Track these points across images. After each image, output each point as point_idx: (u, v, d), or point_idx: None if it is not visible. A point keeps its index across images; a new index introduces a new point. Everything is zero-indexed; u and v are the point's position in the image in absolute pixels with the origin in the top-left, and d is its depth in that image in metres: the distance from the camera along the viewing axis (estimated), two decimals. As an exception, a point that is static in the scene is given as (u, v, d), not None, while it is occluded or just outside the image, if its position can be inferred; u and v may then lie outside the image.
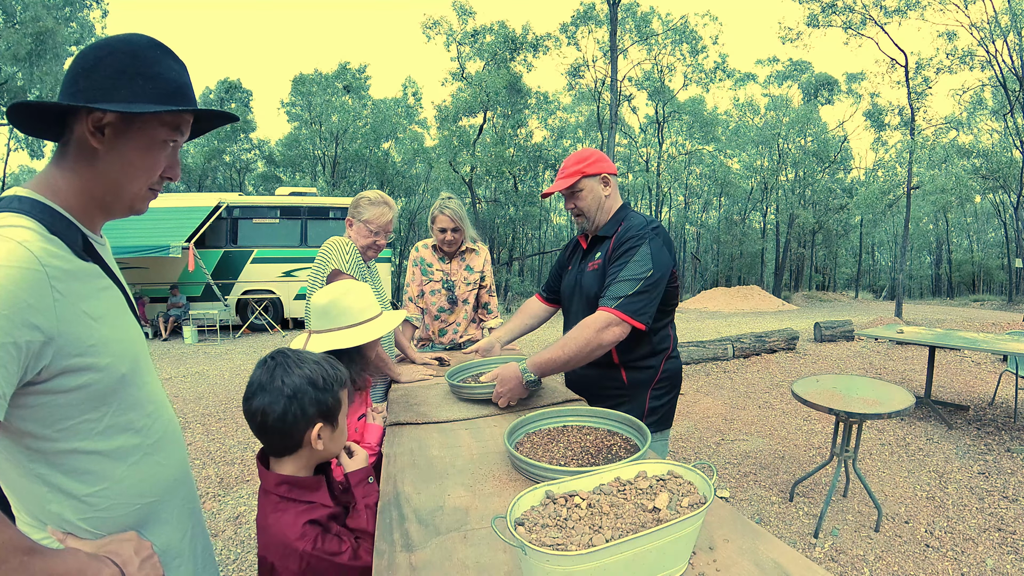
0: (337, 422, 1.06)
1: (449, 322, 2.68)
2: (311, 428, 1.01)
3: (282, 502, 1.03)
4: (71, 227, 0.76)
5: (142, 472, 0.84)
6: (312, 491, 1.05)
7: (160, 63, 0.79)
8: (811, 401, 2.75)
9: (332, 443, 1.06)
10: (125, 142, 0.78)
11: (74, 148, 0.78)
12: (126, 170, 0.80)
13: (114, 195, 0.81)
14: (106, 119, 0.76)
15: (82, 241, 0.78)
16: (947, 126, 20.39)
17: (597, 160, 1.76)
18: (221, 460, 3.98)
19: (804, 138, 27.48)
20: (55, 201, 0.76)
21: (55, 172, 0.78)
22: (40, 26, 15.84)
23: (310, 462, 1.07)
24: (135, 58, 0.77)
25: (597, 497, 0.82)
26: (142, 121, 0.79)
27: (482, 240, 2.78)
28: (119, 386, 0.79)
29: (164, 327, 10.48)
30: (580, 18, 22.11)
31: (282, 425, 0.99)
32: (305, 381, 0.99)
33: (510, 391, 1.57)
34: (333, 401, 1.04)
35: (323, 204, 11.96)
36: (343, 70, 27.67)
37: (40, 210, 0.73)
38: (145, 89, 0.77)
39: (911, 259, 38.03)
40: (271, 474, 1.05)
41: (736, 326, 12.28)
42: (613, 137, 17.03)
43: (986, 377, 5.99)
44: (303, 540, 0.97)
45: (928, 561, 2.46)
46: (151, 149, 0.81)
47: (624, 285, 1.56)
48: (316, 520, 1.02)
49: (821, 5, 17.16)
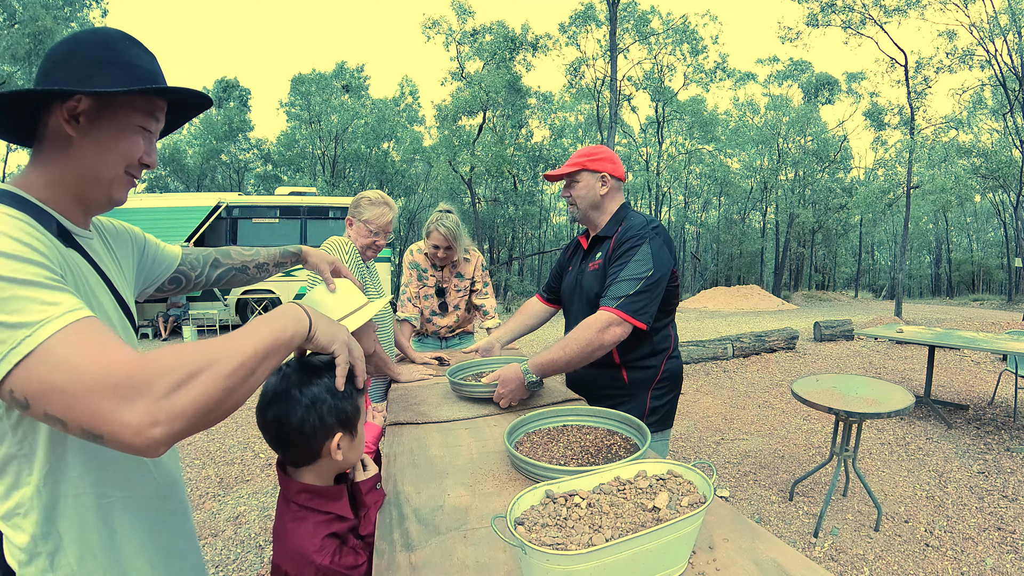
0: (357, 430, 1.02)
1: (440, 325, 2.75)
2: (331, 438, 0.96)
3: (302, 511, 0.99)
4: (43, 214, 0.75)
5: (116, 467, 0.82)
6: (333, 501, 1.02)
7: (131, 52, 0.79)
8: (811, 400, 2.76)
9: (351, 452, 1.02)
10: (100, 127, 0.78)
11: (48, 141, 0.77)
12: (102, 155, 0.79)
13: (91, 183, 0.80)
14: (81, 106, 0.75)
15: (57, 228, 0.77)
16: (947, 125, 20.38)
17: (604, 159, 1.77)
18: (221, 460, 3.98)
19: (804, 138, 27.49)
20: (28, 194, 0.76)
21: (28, 170, 0.78)
22: (38, 25, 15.83)
23: (329, 472, 1.04)
24: (107, 48, 0.77)
25: (597, 496, 0.82)
26: (116, 106, 0.78)
27: (476, 246, 2.83)
28: None
29: (164, 327, 10.48)
30: (579, 18, 22.11)
31: (299, 436, 0.94)
32: (323, 389, 0.94)
33: (511, 392, 1.57)
34: (352, 409, 0.99)
35: (323, 204, 11.95)
36: (341, 69, 27.68)
37: (10, 198, 0.72)
38: (118, 76, 0.77)
39: (911, 258, 38.05)
40: (292, 481, 1.01)
41: (736, 325, 12.28)
42: (612, 137, 17.03)
43: (986, 376, 6.00)
44: (321, 554, 0.94)
45: (928, 560, 2.46)
46: (125, 133, 0.80)
47: (625, 285, 1.56)
48: (336, 533, 0.99)
49: (821, 4, 17.17)
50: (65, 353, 0.57)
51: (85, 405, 0.56)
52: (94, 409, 0.57)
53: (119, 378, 0.57)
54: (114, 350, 0.59)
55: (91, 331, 0.60)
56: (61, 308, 0.60)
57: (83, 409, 0.57)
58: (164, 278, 1.13)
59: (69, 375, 0.57)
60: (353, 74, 27.96)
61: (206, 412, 0.62)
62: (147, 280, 1.10)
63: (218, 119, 28.10)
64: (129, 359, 0.59)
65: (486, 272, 2.80)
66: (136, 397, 0.57)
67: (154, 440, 0.58)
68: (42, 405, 0.57)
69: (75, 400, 0.57)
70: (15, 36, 15.70)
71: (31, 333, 0.57)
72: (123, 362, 0.58)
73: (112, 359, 0.58)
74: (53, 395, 0.57)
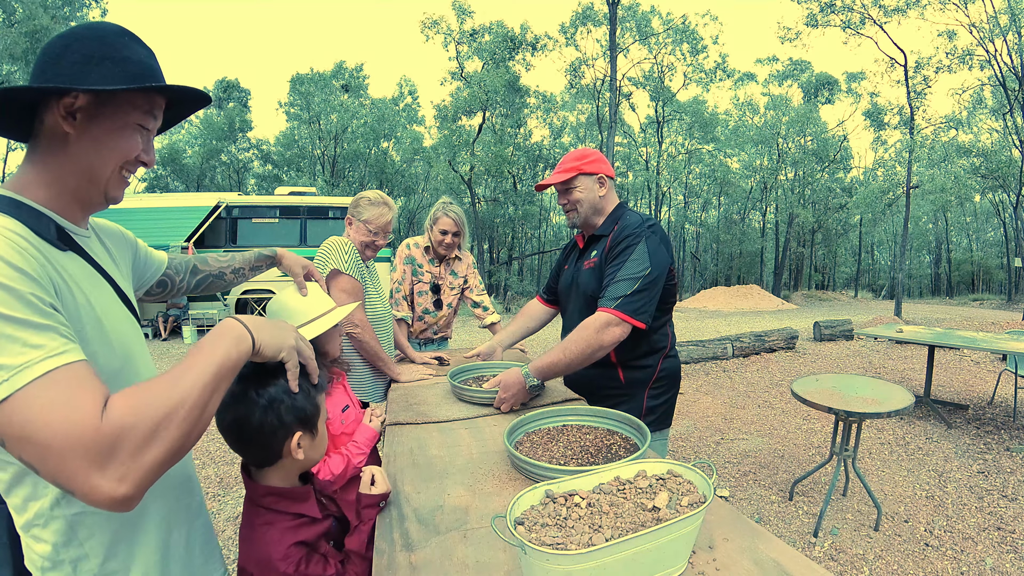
0: (317, 429, 1.02)
1: (429, 323, 2.75)
2: (290, 437, 0.97)
3: (269, 514, 1.00)
4: (41, 218, 0.75)
5: None
6: (300, 502, 1.02)
7: (128, 47, 0.78)
8: (811, 400, 2.76)
9: (313, 450, 1.02)
10: (97, 125, 0.77)
11: (44, 140, 0.77)
12: (99, 153, 0.78)
13: (88, 181, 0.80)
14: (78, 103, 0.75)
15: (56, 231, 0.76)
16: (946, 125, 20.37)
17: (596, 160, 1.76)
18: (221, 460, 3.98)
19: (804, 137, 27.47)
20: (25, 196, 0.75)
21: (25, 169, 0.78)
22: (35, 24, 15.81)
23: (292, 472, 1.04)
24: (102, 43, 0.76)
25: (597, 496, 0.82)
26: (114, 103, 0.78)
27: (470, 246, 2.83)
28: (111, 381, 0.77)
29: (163, 327, 10.47)
30: (579, 18, 22.10)
31: (259, 437, 0.95)
32: (280, 390, 0.94)
33: (513, 396, 1.57)
34: (311, 408, 0.99)
35: (322, 204, 11.93)
36: (340, 69, 27.66)
37: (6, 203, 0.71)
38: (114, 72, 0.76)
39: (910, 258, 38.05)
40: (257, 485, 1.01)
41: (736, 325, 12.28)
42: (612, 136, 17.03)
43: (985, 376, 6.00)
44: (286, 562, 0.94)
45: (927, 560, 2.46)
46: (124, 130, 0.80)
47: (622, 285, 1.56)
48: (304, 541, 0.99)
49: (820, 5, 17.16)
50: (40, 405, 0.57)
51: (57, 462, 0.57)
52: (66, 468, 0.57)
53: (87, 442, 0.58)
54: (84, 410, 0.59)
55: (67, 382, 0.60)
56: (43, 352, 0.60)
57: (55, 465, 0.57)
58: (152, 281, 1.15)
59: (42, 431, 0.57)
60: (352, 74, 27.95)
61: (171, 459, 0.65)
62: (138, 281, 1.11)
63: (218, 119, 28.10)
64: (95, 422, 0.59)
65: (476, 271, 2.84)
66: (105, 462, 0.58)
67: (126, 497, 0.60)
68: (17, 449, 0.58)
69: (47, 454, 0.57)
70: (13, 35, 15.67)
71: (8, 377, 0.57)
72: (91, 426, 0.58)
73: (81, 420, 0.58)
74: (27, 445, 0.57)
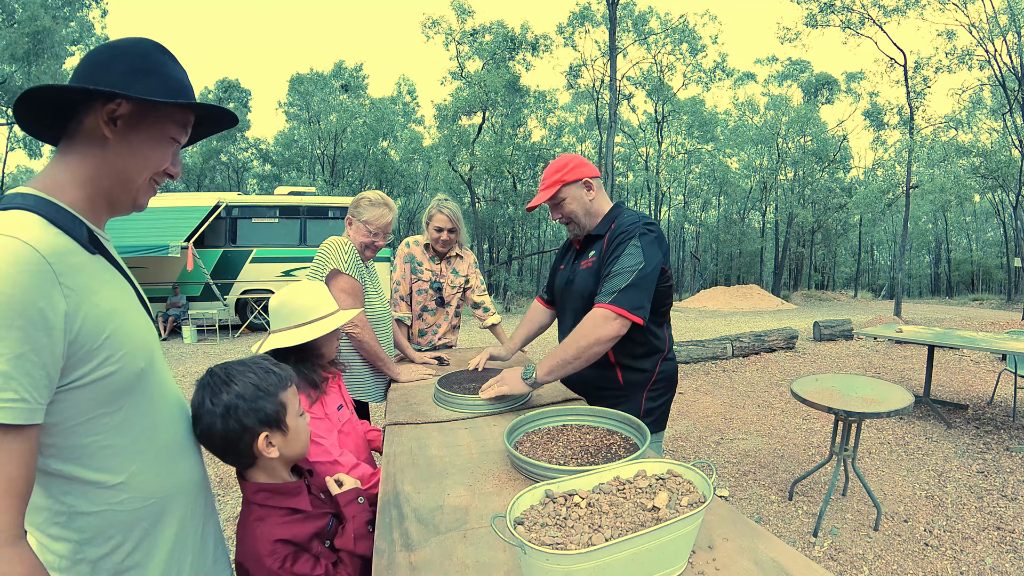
0: (286, 425, 1.03)
1: (430, 323, 2.67)
2: (255, 439, 0.99)
3: (261, 510, 1.02)
4: (75, 221, 0.77)
5: (158, 468, 0.85)
6: (291, 496, 1.04)
7: (168, 65, 0.83)
8: (810, 400, 2.76)
9: (289, 446, 1.04)
10: (137, 134, 0.81)
11: (81, 142, 0.79)
12: (135, 160, 0.82)
13: (121, 186, 0.83)
14: (120, 110, 0.78)
15: (88, 234, 0.78)
16: (946, 125, 20.38)
17: (575, 167, 1.75)
18: (220, 460, 3.98)
19: (803, 137, 27.47)
20: (59, 198, 0.77)
21: (59, 168, 0.79)
22: (37, 25, 15.80)
23: (276, 468, 1.06)
24: (146, 59, 0.81)
25: (596, 496, 0.82)
26: (155, 115, 0.82)
27: (471, 244, 2.80)
28: (136, 381, 0.80)
29: (163, 327, 10.47)
30: (576, 19, 22.09)
31: (226, 443, 0.98)
32: (234, 396, 0.97)
33: (507, 385, 1.57)
34: (273, 407, 1.01)
35: (322, 203, 11.93)
36: (339, 69, 27.66)
37: (45, 206, 0.73)
38: (158, 86, 0.80)
39: (910, 258, 38.05)
40: (248, 483, 1.05)
41: (735, 325, 12.29)
42: (612, 137, 17.03)
43: (985, 376, 6.00)
44: (272, 558, 0.97)
45: (927, 560, 2.46)
46: (160, 143, 0.84)
47: (617, 279, 1.56)
48: (291, 540, 1.00)
49: (819, 5, 17.15)
50: None
51: None
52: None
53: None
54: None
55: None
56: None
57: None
58: None
59: None
60: (351, 73, 27.95)
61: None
62: None
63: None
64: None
65: (479, 271, 2.80)
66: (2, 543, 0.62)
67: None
68: None
69: None
70: (14, 35, 15.66)
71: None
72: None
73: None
74: None
